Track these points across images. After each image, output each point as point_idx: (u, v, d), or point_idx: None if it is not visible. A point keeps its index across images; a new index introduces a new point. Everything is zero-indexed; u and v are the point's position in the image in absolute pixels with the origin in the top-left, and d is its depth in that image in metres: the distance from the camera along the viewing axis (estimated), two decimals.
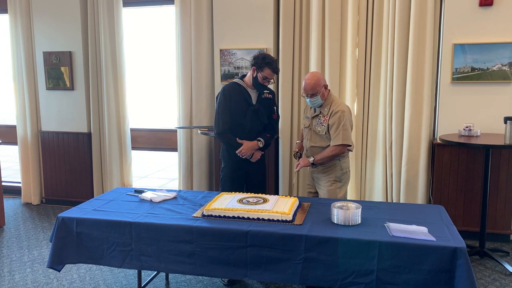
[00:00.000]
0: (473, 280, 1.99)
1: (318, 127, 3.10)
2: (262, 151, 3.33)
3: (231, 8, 4.31)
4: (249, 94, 3.25)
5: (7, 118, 6.40)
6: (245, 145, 3.19)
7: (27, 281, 3.21)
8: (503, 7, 3.68)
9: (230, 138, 3.22)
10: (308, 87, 3.02)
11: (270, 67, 3.11)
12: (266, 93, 3.32)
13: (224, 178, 3.35)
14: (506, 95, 3.75)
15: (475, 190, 3.83)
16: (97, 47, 4.82)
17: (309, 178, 3.35)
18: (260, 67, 3.12)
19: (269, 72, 3.12)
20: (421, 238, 2.12)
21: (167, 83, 12.55)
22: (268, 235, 2.25)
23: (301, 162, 3.15)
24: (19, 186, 5.43)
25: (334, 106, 3.07)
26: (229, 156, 3.30)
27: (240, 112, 3.21)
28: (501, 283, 3.13)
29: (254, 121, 3.25)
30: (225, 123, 3.20)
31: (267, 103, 3.32)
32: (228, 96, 3.21)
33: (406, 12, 3.88)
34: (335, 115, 3.02)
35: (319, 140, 3.12)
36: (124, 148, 4.95)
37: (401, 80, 3.96)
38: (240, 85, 3.25)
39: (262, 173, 3.44)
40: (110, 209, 2.70)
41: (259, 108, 3.25)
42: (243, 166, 3.29)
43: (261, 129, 3.32)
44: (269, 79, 3.16)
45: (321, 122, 3.09)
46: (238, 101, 3.21)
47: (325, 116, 3.08)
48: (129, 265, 2.49)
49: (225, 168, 3.35)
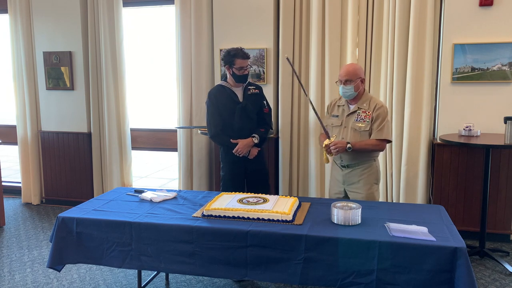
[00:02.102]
0: (473, 280, 1.99)
1: (359, 123, 2.95)
2: (259, 147, 3.33)
3: (231, 8, 4.31)
4: (235, 93, 3.30)
5: (7, 118, 6.39)
6: (241, 143, 3.23)
7: (27, 281, 3.21)
8: (503, 7, 3.68)
9: (224, 139, 3.29)
10: (345, 72, 2.91)
11: (237, 57, 3.17)
12: (252, 89, 3.34)
13: (224, 178, 3.38)
14: (506, 95, 3.75)
15: (475, 190, 3.83)
16: (97, 47, 4.82)
17: (336, 185, 3.15)
18: (230, 62, 3.20)
19: (240, 61, 3.18)
20: (421, 238, 2.12)
21: (167, 83, 12.56)
22: (268, 235, 2.25)
23: (339, 145, 2.86)
24: (19, 186, 5.43)
25: (375, 101, 2.97)
26: (226, 157, 3.34)
27: (229, 112, 3.26)
28: (501, 283, 3.13)
29: (243, 119, 3.28)
30: (216, 126, 3.29)
31: (255, 99, 3.34)
32: (214, 99, 3.29)
33: (406, 12, 3.88)
34: (380, 109, 2.92)
35: (359, 137, 2.96)
36: (124, 148, 4.95)
37: (401, 80, 3.96)
38: (224, 87, 3.31)
39: (263, 172, 3.44)
40: (110, 209, 2.70)
41: (246, 105, 3.27)
42: (241, 165, 3.31)
43: (253, 125, 3.33)
44: (244, 67, 3.20)
45: (362, 118, 2.95)
46: (225, 102, 3.27)
47: (366, 112, 2.95)
48: (129, 265, 2.49)
49: (224, 168, 3.39)
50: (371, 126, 2.93)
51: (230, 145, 3.25)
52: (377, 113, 2.92)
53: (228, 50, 3.24)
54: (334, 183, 3.19)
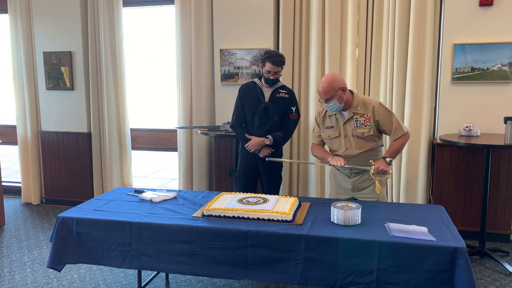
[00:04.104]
0: (473, 280, 1.99)
1: (361, 129, 2.82)
2: (273, 149, 3.37)
3: (231, 8, 4.31)
4: (262, 92, 3.37)
5: (7, 118, 6.39)
6: (253, 140, 3.34)
7: (27, 281, 3.21)
8: (503, 7, 3.68)
9: (239, 132, 3.44)
10: (321, 91, 2.77)
11: (269, 60, 3.21)
12: (282, 92, 3.37)
13: (238, 170, 3.54)
14: (506, 95, 3.75)
15: (475, 190, 3.83)
16: (97, 47, 4.82)
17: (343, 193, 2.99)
18: (262, 62, 3.27)
19: (269, 65, 3.22)
20: (421, 238, 2.12)
21: (167, 83, 12.55)
22: (268, 235, 2.25)
23: (382, 167, 2.71)
24: (19, 186, 5.42)
25: (368, 102, 2.84)
26: (242, 150, 3.49)
27: (252, 109, 3.36)
28: (501, 283, 3.13)
29: (263, 118, 3.34)
30: (237, 118, 3.45)
31: (280, 102, 3.36)
32: (242, 93, 3.43)
33: (406, 12, 3.88)
34: (381, 108, 2.82)
35: (364, 144, 2.84)
36: (124, 148, 4.95)
37: (401, 80, 3.96)
38: (256, 84, 3.41)
39: (275, 172, 3.48)
40: (110, 209, 2.70)
41: (269, 106, 3.32)
42: (254, 160, 3.42)
43: (273, 127, 3.36)
44: (271, 72, 3.24)
45: (362, 123, 2.82)
46: (251, 98, 3.38)
47: (364, 115, 2.82)
48: (129, 265, 2.48)
49: (239, 158, 3.55)
50: (377, 129, 2.84)
51: (244, 139, 3.39)
52: (379, 113, 2.81)
53: (266, 50, 3.31)
54: (340, 191, 3.02)
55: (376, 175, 2.74)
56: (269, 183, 3.46)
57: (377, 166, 2.73)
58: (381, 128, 2.85)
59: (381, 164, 2.74)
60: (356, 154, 2.85)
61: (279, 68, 3.25)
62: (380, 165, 2.74)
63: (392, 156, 2.82)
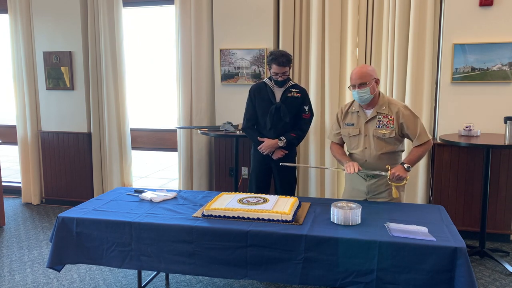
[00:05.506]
0: (473, 280, 1.99)
1: (382, 130, 2.73)
2: (287, 150, 3.33)
3: (231, 8, 4.31)
4: (274, 93, 3.32)
5: (7, 118, 6.39)
6: (266, 142, 3.30)
7: (27, 281, 3.21)
8: (503, 7, 3.68)
9: (251, 135, 3.40)
10: (358, 74, 2.66)
11: (275, 62, 3.19)
12: (294, 92, 3.32)
13: (252, 170, 3.51)
14: (506, 95, 3.75)
15: (475, 190, 3.83)
16: (97, 47, 4.82)
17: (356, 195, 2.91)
18: (269, 64, 3.27)
19: (275, 67, 3.21)
20: (421, 238, 2.12)
21: (167, 83, 12.56)
22: (268, 235, 2.25)
23: (399, 173, 2.65)
24: (19, 186, 5.42)
25: (395, 104, 2.76)
26: (254, 152, 3.45)
27: (263, 110, 3.33)
28: (501, 283, 3.13)
29: (275, 120, 3.30)
30: (248, 120, 3.42)
31: (292, 102, 3.31)
32: (252, 94, 3.40)
33: (406, 12, 3.88)
34: (407, 111, 2.73)
35: (384, 145, 2.75)
36: (124, 148, 4.95)
37: (401, 80, 3.96)
38: (266, 84, 3.37)
39: (289, 173, 3.41)
40: (110, 209, 2.70)
41: (280, 106, 3.28)
42: (267, 162, 3.39)
43: (285, 128, 3.32)
44: (279, 73, 3.21)
45: (384, 124, 2.72)
46: (262, 99, 3.35)
47: (387, 116, 2.73)
48: (129, 265, 2.48)
49: (252, 161, 3.51)
50: (399, 132, 2.75)
51: (256, 141, 3.35)
52: (405, 116, 2.72)
53: (271, 52, 3.30)
54: (353, 193, 2.94)
55: (392, 180, 2.69)
56: (283, 185, 3.41)
57: (393, 172, 2.67)
58: (404, 132, 2.76)
59: (398, 170, 2.67)
60: (374, 155, 2.78)
61: (286, 69, 3.21)
62: (397, 171, 2.67)
63: (411, 163, 2.72)
